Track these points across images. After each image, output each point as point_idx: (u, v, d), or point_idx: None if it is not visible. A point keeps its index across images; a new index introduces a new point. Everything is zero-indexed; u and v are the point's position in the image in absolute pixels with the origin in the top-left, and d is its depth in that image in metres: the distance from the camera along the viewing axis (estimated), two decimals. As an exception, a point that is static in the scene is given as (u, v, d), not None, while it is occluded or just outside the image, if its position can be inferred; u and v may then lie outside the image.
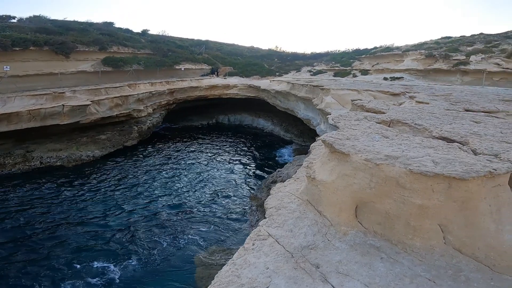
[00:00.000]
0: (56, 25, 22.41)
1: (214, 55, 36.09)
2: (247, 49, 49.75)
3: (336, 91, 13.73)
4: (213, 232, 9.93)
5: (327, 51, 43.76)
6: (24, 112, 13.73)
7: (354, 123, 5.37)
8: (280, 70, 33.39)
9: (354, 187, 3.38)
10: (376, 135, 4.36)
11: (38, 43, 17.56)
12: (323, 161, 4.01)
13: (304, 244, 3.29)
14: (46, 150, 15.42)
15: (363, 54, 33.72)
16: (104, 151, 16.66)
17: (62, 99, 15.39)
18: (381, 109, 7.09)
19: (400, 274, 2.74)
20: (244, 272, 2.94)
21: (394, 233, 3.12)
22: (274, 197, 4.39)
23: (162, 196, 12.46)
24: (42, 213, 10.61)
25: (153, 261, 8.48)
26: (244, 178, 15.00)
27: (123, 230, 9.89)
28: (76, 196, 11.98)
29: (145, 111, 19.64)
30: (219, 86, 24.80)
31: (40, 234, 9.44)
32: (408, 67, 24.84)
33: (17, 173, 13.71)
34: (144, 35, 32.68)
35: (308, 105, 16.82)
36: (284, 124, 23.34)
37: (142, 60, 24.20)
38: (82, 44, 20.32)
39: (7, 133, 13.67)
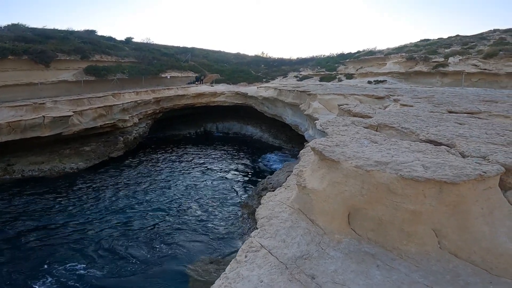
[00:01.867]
0: (36, 34, 21.77)
1: (200, 62, 35.98)
2: (233, 56, 49.89)
3: (322, 96, 13.87)
4: (205, 242, 9.71)
5: (312, 56, 44.41)
6: (3, 125, 13.16)
7: (342, 128, 5.37)
8: (267, 76, 33.61)
9: (346, 194, 3.33)
10: (364, 140, 4.35)
11: (17, 52, 16.97)
12: (313, 168, 3.95)
13: (298, 255, 3.19)
14: (28, 163, 14.81)
15: (347, 58, 34.43)
16: (89, 163, 16.14)
17: (42, 110, 14.86)
18: (368, 113, 7.16)
19: (397, 281, 2.68)
20: (237, 286, 2.81)
21: (388, 240, 3.08)
22: (265, 206, 4.29)
23: (151, 206, 12.13)
24: (25, 223, 10.08)
25: (144, 274, 8.18)
26: (235, 186, 14.83)
27: (111, 242, 9.54)
28: (58, 208, 11.50)
29: (131, 121, 19.21)
30: (206, 93, 24.65)
31: (26, 243, 8.94)
32: (390, 70, 25.50)
33: None
34: (128, 43, 32.23)
35: (296, 110, 16.90)
36: (272, 131, 23.37)
37: (126, 69, 23.78)
38: (62, 52, 19.78)
39: (-17, 147, 13.04)
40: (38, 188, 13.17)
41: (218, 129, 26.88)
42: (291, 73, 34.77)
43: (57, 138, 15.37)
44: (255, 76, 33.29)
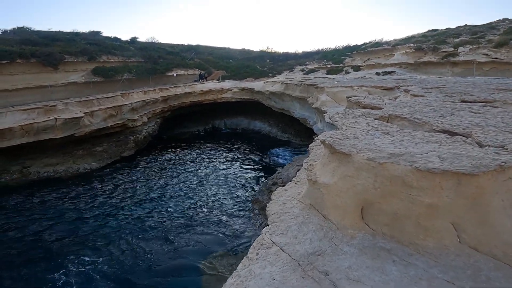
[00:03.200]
0: (41, 36, 22.12)
1: (205, 59, 35.93)
2: (238, 52, 49.65)
3: (330, 88, 13.67)
4: (216, 237, 9.79)
5: (318, 49, 43.79)
6: (16, 128, 13.47)
7: (352, 120, 5.25)
8: (273, 71, 33.31)
9: (358, 188, 3.25)
10: (376, 132, 4.24)
11: (25, 55, 17.29)
12: (323, 162, 3.88)
13: (311, 251, 3.14)
14: (43, 165, 15.17)
15: (354, 50, 33.83)
16: (102, 163, 16.42)
17: (54, 112, 15.14)
18: (378, 104, 7.00)
19: (415, 277, 2.60)
20: (249, 284, 2.78)
21: (404, 234, 2.99)
22: (276, 202, 4.24)
23: (163, 203, 12.30)
24: (44, 223, 10.37)
25: (157, 268, 8.33)
26: (244, 181, 14.85)
27: (125, 237, 9.75)
28: (74, 206, 11.79)
29: (140, 120, 19.41)
30: (213, 90, 24.64)
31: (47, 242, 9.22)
32: (398, 61, 24.97)
33: (14, 186, 13.42)
34: (134, 43, 32.42)
35: (304, 104, 16.73)
36: (280, 125, 23.24)
37: (133, 69, 23.96)
38: (70, 54, 20.06)
39: (1, 150, 13.38)
40: (54, 188, 13.49)
41: (226, 125, 26.90)
42: (297, 67, 34.37)
43: (70, 139, 15.67)
44: (261, 71, 33.04)
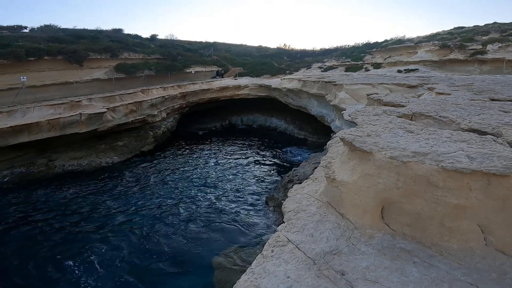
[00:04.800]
0: (67, 34, 22.97)
1: (223, 56, 36.14)
2: (255, 49, 49.54)
3: (349, 86, 13.36)
4: (230, 234, 9.85)
5: (337, 47, 42.98)
6: (43, 122, 14.09)
7: (373, 118, 5.09)
8: (290, 68, 32.99)
9: (379, 187, 3.15)
10: (399, 130, 4.08)
11: (52, 53, 18.02)
12: (342, 160, 3.79)
13: (327, 250, 3.09)
14: (68, 158, 15.84)
15: (374, 47, 32.92)
16: (122, 157, 16.95)
17: (79, 107, 15.74)
18: (400, 102, 6.75)
19: (436, 279, 2.49)
20: (263, 281, 2.76)
21: (426, 235, 2.88)
22: (292, 199, 4.20)
23: (180, 198, 12.55)
24: (66, 215, 10.88)
25: (171, 262, 8.49)
26: (260, 178, 14.86)
27: (143, 229, 10.03)
28: (97, 199, 12.24)
29: (159, 115, 19.85)
30: (230, 87, 24.75)
31: (66, 234, 9.69)
32: (422, 58, 24.06)
33: (40, 179, 14.11)
34: (153, 40, 33.11)
35: (321, 101, 16.47)
36: (297, 122, 23.04)
37: (153, 65, 24.49)
38: (94, 52, 20.75)
39: (28, 143, 14.10)
40: (78, 181, 14.05)
41: (243, 122, 26.99)
42: (315, 64, 33.84)
43: (93, 134, 16.27)
44: (278, 68, 32.82)
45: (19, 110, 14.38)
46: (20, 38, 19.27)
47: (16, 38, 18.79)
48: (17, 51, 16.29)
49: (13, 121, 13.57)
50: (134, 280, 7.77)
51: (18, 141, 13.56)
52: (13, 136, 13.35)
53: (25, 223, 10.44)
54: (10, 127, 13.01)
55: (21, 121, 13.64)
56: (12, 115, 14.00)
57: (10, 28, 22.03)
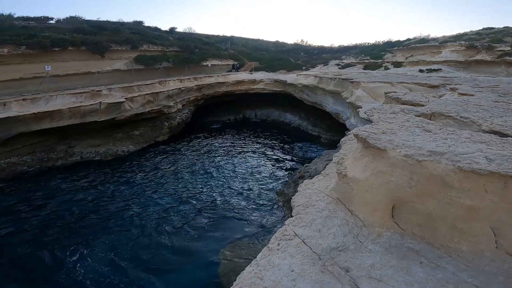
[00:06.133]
0: (91, 25, 23.60)
1: (239, 50, 36.12)
2: (272, 44, 49.22)
3: (367, 84, 13.07)
4: (239, 227, 9.93)
5: (356, 44, 42.08)
6: (65, 110, 14.62)
7: (389, 116, 4.98)
8: (307, 64, 32.58)
9: (391, 185, 3.09)
10: (416, 128, 3.97)
11: (76, 43, 18.61)
12: (355, 157, 3.73)
13: (333, 246, 3.08)
14: (86, 145, 16.40)
15: (395, 46, 31.98)
16: (138, 146, 17.39)
17: (99, 97, 16.21)
18: (420, 101, 6.54)
19: (442, 280, 2.45)
20: (267, 274, 2.79)
21: (437, 236, 2.81)
22: (302, 194, 4.19)
23: (190, 189, 12.75)
24: (80, 203, 11.33)
25: (177, 253, 8.66)
26: (271, 173, 14.88)
27: (153, 220, 10.28)
28: (112, 189, 12.63)
29: (175, 107, 20.16)
30: (246, 81, 24.75)
31: (82, 222, 10.10)
32: (446, 58, 23.13)
33: (59, 167, 14.71)
34: (172, 33, 33.49)
35: (337, 98, 16.21)
36: (311, 118, 22.79)
37: (171, 58, 24.82)
38: (115, 43, 21.26)
39: (50, 130, 14.70)
40: (95, 169, 14.53)
41: (257, 116, 27.00)
42: (332, 61, 33.27)
43: (111, 122, 16.75)
44: (294, 64, 32.48)
45: (42, 97, 14.98)
46: (47, 29, 20.00)
47: (43, 29, 19.52)
48: (43, 42, 16.94)
49: (37, 108, 14.15)
50: (141, 270, 7.95)
51: (41, 127, 14.16)
52: (35, 122, 13.96)
53: (42, 209, 10.87)
54: (33, 113, 13.59)
55: (44, 108, 14.21)
56: (35, 102, 14.61)
57: (37, 19, 22.88)
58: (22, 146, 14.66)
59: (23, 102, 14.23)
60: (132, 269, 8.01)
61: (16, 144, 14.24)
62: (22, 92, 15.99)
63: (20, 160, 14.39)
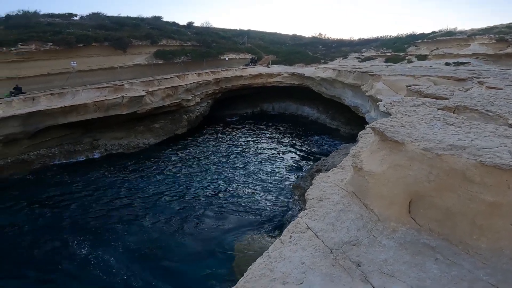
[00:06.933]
0: (112, 22, 24.26)
1: (256, 44, 35.91)
2: (289, 38, 48.52)
3: (388, 77, 12.67)
4: (254, 221, 10.03)
5: (377, 37, 40.86)
6: (90, 104, 15.26)
7: (410, 109, 4.81)
8: (325, 57, 31.88)
9: (409, 179, 3.01)
10: (437, 122, 3.83)
11: (99, 39, 19.26)
12: (372, 150, 3.66)
13: (346, 240, 3.05)
14: (110, 138, 17.06)
15: (419, 39, 30.69)
16: (158, 139, 17.89)
17: (121, 91, 16.75)
18: (444, 94, 6.26)
19: (457, 277, 2.38)
20: (278, 266, 2.81)
21: (455, 232, 2.72)
22: (316, 187, 4.17)
23: (207, 181, 12.99)
24: (103, 194, 11.88)
25: (193, 245, 8.83)
26: (288, 166, 14.85)
27: (168, 212, 10.55)
28: (133, 181, 13.09)
29: (193, 100, 20.50)
30: (263, 74, 24.64)
31: (105, 213, 10.59)
32: (475, 51, 21.95)
33: (82, 161, 15.38)
34: (190, 27, 33.80)
35: (357, 92, 15.82)
36: (330, 112, 22.41)
37: (189, 52, 25.12)
38: (136, 38, 21.78)
39: (76, 123, 15.42)
40: (119, 162, 15.11)
41: (274, 109, 26.89)
42: (352, 54, 32.35)
43: (133, 116, 17.30)
44: (312, 57, 31.88)
45: (69, 92, 15.70)
46: (71, 25, 20.83)
47: (67, 26, 20.34)
48: (68, 38, 17.68)
49: (64, 102, 14.88)
50: (155, 261, 8.19)
51: (67, 121, 14.89)
52: (63, 115, 14.69)
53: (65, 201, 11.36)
54: (61, 107, 14.31)
55: (71, 102, 14.91)
56: (62, 97, 15.35)
57: (62, 16, 23.84)
58: (51, 139, 15.49)
59: (51, 96, 14.99)
60: (146, 258, 8.26)
61: (44, 137, 15.06)
62: (49, 87, 16.85)
63: (49, 152, 15.22)
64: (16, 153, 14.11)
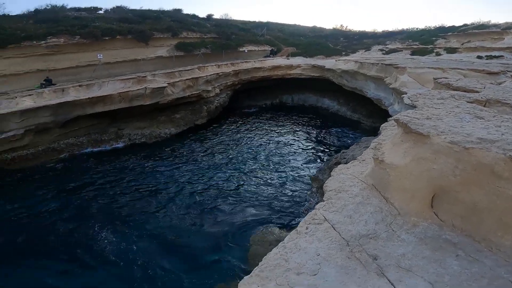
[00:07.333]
0: (135, 15, 24.83)
1: (275, 36, 35.50)
2: (309, 29, 47.56)
3: (413, 69, 12.20)
4: (271, 213, 10.08)
5: (402, 29, 39.46)
6: (115, 95, 15.87)
7: (437, 101, 4.62)
8: (347, 50, 31.06)
9: (433, 173, 2.92)
10: (466, 115, 3.66)
11: (123, 32, 19.83)
12: (394, 142, 3.57)
13: (363, 233, 3.01)
14: (133, 128, 17.71)
15: (449, 31, 29.23)
16: (179, 129, 18.35)
17: (144, 82, 17.28)
18: (474, 87, 5.93)
19: (477, 274, 2.32)
20: (293, 256, 2.82)
21: (479, 229, 2.63)
22: (335, 179, 4.14)
23: (225, 172, 13.16)
24: (129, 183, 12.40)
25: (210, 236, 8.97)
26: (306, 158, 14.76)
27: (186, 202, 10.77)
28: (155, 170, 13.50)
29: (213, 91, 20.76)
30: (282, 66, 24.42)
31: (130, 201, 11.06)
32: (510, 45, 20.61)
33: (107, 150, 16.03)
34: (209, 20, 33.93)
35: (379, 84, 15.33)
36: (351, 104, 21.91)
37: (209, 44, 25.29)
38: (157, 31, 22.21)
39: (102, 113, 16.12)
40: (142, 151, 15.63)
41: (294, 101, 26.67)
42: (375, 47, 31.29)
43: (155, 106, 17.84)
44: (333, 49, 31.13)
45: (96, 83, 16.38)
46: (96, 19, 21.52)
47: (93, 19, 21.05)
48: (94, 31, 18.33)
49: (91, 93, 15.57)
50: (171, 250, 8.39)
51: (95, 111, 15.59)
52: (90, 106, 15.38)
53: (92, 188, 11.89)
54: (88, 98, 15.00)
55: (98, 93, 15.58)
56: (90, 88, 16.04)
57: (87, 9, 24.70)
58: (79, 128, 16.31)
59: (79, 88, 15.71)
60: (163, 248, 8.46)
61: (73, 127, 15.88)
62: (78, 79, 17.65)
63: (77, 141, 16.03)
64: (47, 142, 14.98)
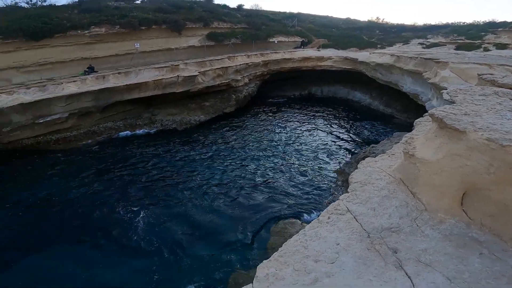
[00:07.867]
0: (169, 5, 25.42)
1: (306, 27, 34.63)
2: (342, 21, 45.74)
3: (457, 64, 11.47)
4: (294, 204, 10.12)
5: (446, 23, 36.78)
6: (150, 82, 16.72)
7: (478, 98, 4.37)
8: (382, 42, 29.58)
9: (466, 170, 2.83)
10: (508, 112, 3.45)
11: (158, 22, 20.51)
12: (427, 137, 3.47)
13: (386, 226, 3.00)
14: (166, 114, 18.52)
15: (500, 27, 26.86)
16: (208, 117, 18.88)
17: (177, 70, 17.91)
18: (522, 83, 5.47)
19: (497, 272, 2.29)
20: (312, 244, 2.88)
21: (508, 228, 2.54)
22: (361, 171, 4.12)
23: (252, 162, 13.31)
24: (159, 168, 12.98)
25: (234, 222, 9.14)
26: (334, 151, 14.54)
27: (212, 190, 11.02)
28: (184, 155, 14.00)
29: (242, 81, 21.00)
30: (313, 58, 23.90)
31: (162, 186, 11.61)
32: None
33: (141, 135, 16.83)
34: (240, 10, 33.85)
35: (417, 79, 14.53)
36: (384, 98, 21.01)
37: (239, 34, 25.37)
38: (190, 21, 22.66)
39: (138, 100, 17.03)
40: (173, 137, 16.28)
41: (323, 93, 26.12)
42: (415, 40, 29.50)
43: (186, 94, 18.49)
44: (367, 42, 29.78)
45: (133, 71, 17.27)
46: (134, 9, 22.39)
47: (131, 9, 21.93)
48: (132, 21, 19.17)
49: (128, 80, 16.48)
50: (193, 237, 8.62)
51: (131, 97, 16.53)
52: (128, 92, 16.32)
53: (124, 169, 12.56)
54: (126, 85, 15.93)
55: (134, 81, 16.46)
56: (128, 76, 16.96)
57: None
58: (117, 113, 17.40)
59: (118, 75, 16.66)
60: (185, 236, 8.70)
61: (112, 111, 16.97)
62: (117, 66, 18.68)
63: (115, 125, 17.13)
64: (88, 125, 16.19)
